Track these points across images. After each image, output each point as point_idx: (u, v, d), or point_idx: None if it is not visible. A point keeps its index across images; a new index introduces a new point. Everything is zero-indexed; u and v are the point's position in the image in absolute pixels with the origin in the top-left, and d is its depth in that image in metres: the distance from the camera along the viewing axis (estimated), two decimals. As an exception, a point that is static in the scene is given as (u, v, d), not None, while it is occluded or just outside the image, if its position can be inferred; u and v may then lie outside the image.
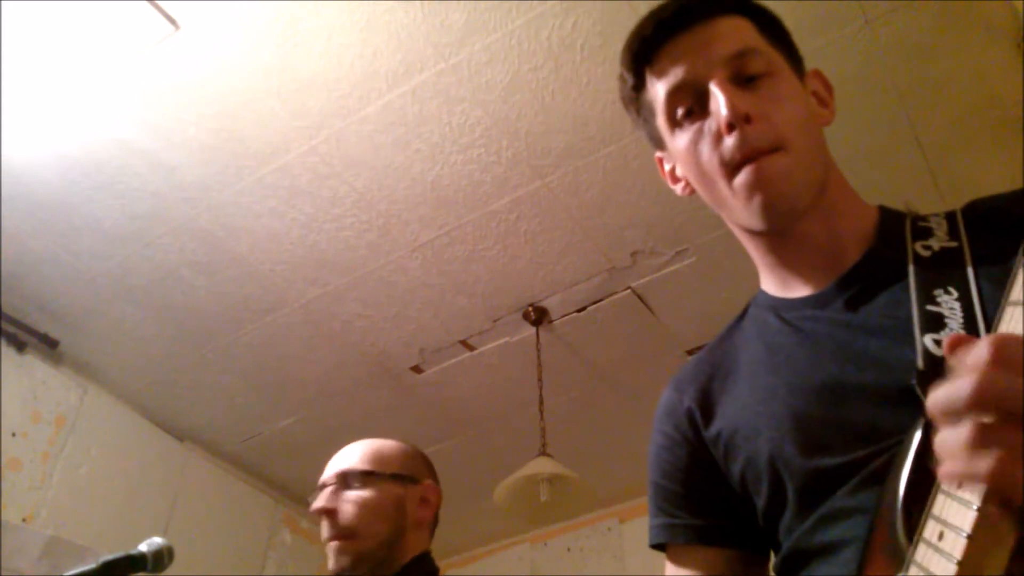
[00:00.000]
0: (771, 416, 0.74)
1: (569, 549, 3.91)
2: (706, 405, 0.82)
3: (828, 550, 0.69)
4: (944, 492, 0.49)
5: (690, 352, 3.06)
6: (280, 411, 3.32)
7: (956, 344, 0.48)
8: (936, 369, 0.62)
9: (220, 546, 3.40)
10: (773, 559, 0.79)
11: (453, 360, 3.12)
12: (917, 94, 2.22)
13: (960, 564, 0.45)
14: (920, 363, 0.64)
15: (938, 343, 0.64)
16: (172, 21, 2.03)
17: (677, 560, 0.84)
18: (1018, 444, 0.43)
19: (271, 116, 2.27)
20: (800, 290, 0.80)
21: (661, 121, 0.82)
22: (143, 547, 1.24)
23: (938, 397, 0.47)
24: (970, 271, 0.69)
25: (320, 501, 1.38)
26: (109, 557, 1.19)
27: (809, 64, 0.84)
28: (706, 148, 0.77)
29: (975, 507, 0.45)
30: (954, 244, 0.73)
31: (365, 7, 2.03)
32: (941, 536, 0.48)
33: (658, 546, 0.86)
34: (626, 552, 3.76)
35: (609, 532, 3.83)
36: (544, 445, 2.60)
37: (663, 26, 0.79)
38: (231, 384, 3.18)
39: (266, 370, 3.12)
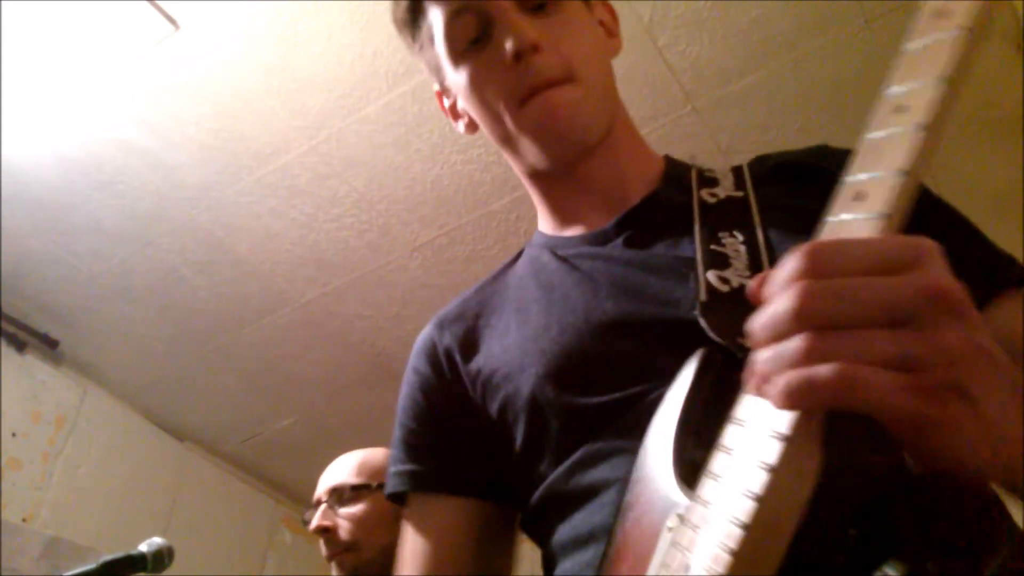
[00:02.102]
0: (539, 353, 0.68)
1: (569, 549, 3.91)
2: (468, 343, 0.76)
3: (586, 494, 0.63)
4: (737, 422, 0.43)
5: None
6: (280, 411, 3.32)
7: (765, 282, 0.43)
8: (719, 302, 0.59)
9: (220, 546, 3.40)
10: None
11: (453, 360, 3.12)
12: (917, 94, 2.21)
13: (761, 500, 0.38)
14: (702, 296, 0.61)
15: (723, 280, 0.61)
16: (172, 21, 2.03)
17: (418, 513, 0.75)
18: (859, 348, 0.37)
19: (271, 116, 2.27)
20: (579, 230, 0.77)
21: (442, 50, 0.75)
22: (143, 547, 1.24)
23: (758, 320, 0.41)
24: (756, 217, 0.67)
25: (316, 520, 1.39)
26: (109, 557, 1.19)
27: (809, 64, 0.84)
28: (492, 80, 0.72)
29: (782, 434, 0.39)
30: (740, 194, 0.71)
31: (365, 7, 2.03)
32: (735, 471, 0.41)
33: (397, 497, 0.77)
34: (626, 552, 3.75)
35: (609, 532, 3.83)
36: (544, 445, 2.60)
37: None
38: (231, 384, 3.18)
39: (266, 370, 3.12)
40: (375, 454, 1.48)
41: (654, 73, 2.15)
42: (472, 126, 0.80)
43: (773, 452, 0.39)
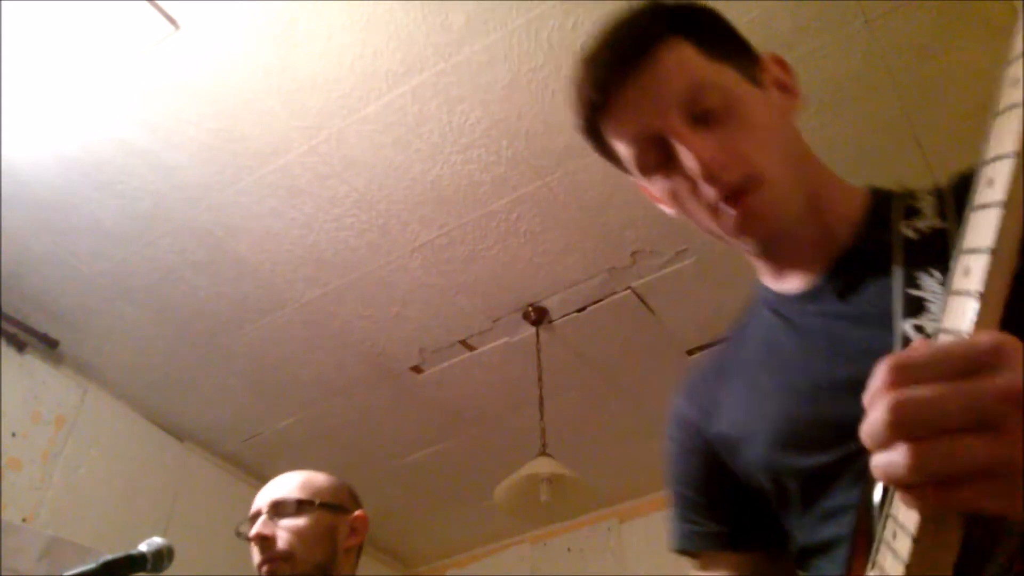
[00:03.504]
0: (766, 418, 0.74)
1: (569, 549, 3.91)
2: (709, 411, 0.83)
3: (827, 548, 0.70)
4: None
5: (690, 352, 3.06)
6: (280, 411, 3.32)
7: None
8: None
9: (220, 546, 3.40)
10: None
11: (453, 360, 3.12)
12: (917, 94, 2.22)
13: (908, 566, 0.45)
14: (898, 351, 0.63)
15: (919, 328, 0.63)
16: (172, 21, 2.03)
17: (704, 564, 0.85)
18: (954, 460, 0.41)
19: (271, 116, 2.27)
20: (794, 282, 0.80)
21: (634, 171, 0.80)
22: (143, 547, 1.24)
23: (863, 429, 0.46)
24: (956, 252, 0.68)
25: (256, 528, 1.41)
26: (109, 557, 1.19)
27: (809, 64, 0.84)
28: (686, 196, 0.76)
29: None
30: (941, 224, 0.71)
31: (365, 7, 2.03)
32: (895, 536, 0.47)
33: (684, 552, 0.87)
34: (626, 552, 3.76)
35: (609, 532, 3.83)
36: (544, 445, 2.60)
37: (606, 85, 0.76)
38: (231, 384, 3.18)
39: (266, 370, 3.12)
40: (317, 475, 1.53)
41: (654, 73, 2.15)
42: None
43: (913, 520, 0.45)
